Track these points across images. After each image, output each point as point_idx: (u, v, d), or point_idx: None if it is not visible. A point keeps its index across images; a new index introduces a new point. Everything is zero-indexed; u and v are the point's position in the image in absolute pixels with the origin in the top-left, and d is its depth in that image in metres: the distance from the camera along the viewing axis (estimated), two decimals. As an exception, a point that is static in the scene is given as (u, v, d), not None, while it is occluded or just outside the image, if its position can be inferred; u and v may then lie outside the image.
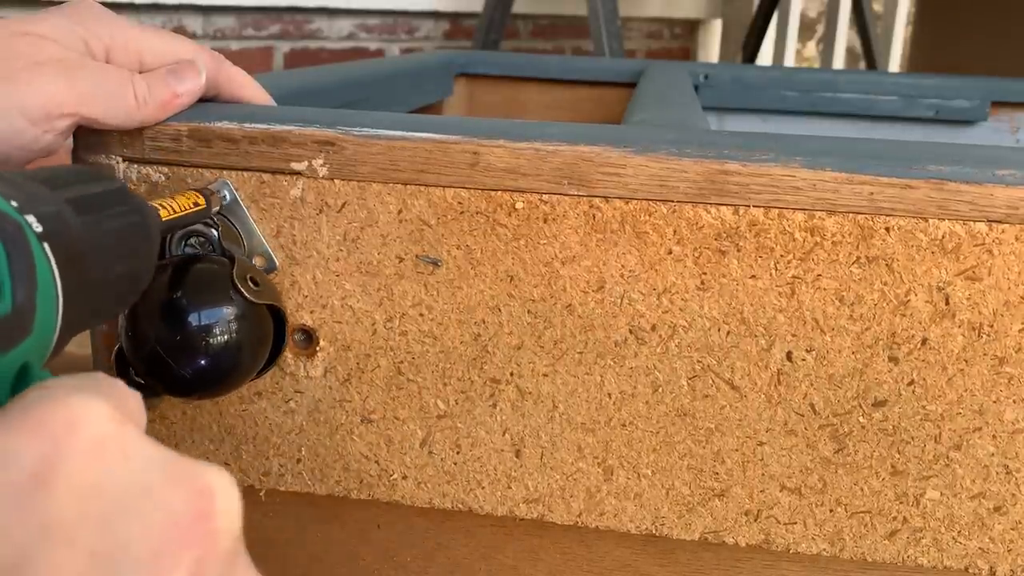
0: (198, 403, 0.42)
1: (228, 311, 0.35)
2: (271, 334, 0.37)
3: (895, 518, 0.38)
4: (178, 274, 0.35)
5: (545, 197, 0.37)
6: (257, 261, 0.39)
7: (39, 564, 0.17)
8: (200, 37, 1.69)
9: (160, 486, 0.19)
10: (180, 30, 1.66)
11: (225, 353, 0.35)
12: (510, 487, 0.40)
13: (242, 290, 0.35)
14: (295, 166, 0.38)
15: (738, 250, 0.36)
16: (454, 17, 2.03)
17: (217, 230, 0.37)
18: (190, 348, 0.34)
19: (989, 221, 0.34)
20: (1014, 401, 0.36)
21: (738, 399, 0.38)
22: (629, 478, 0.39)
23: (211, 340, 0.34)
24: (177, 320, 0.34)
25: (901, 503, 0.38)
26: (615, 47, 1.37)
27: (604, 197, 0.36)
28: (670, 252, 0.36)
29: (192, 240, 0.37)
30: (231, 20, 1.73)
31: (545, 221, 0.37)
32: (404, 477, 0.41)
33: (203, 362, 0.34)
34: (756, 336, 0.37)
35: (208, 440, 0.42)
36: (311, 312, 0.39)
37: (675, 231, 0.36)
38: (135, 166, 0.39)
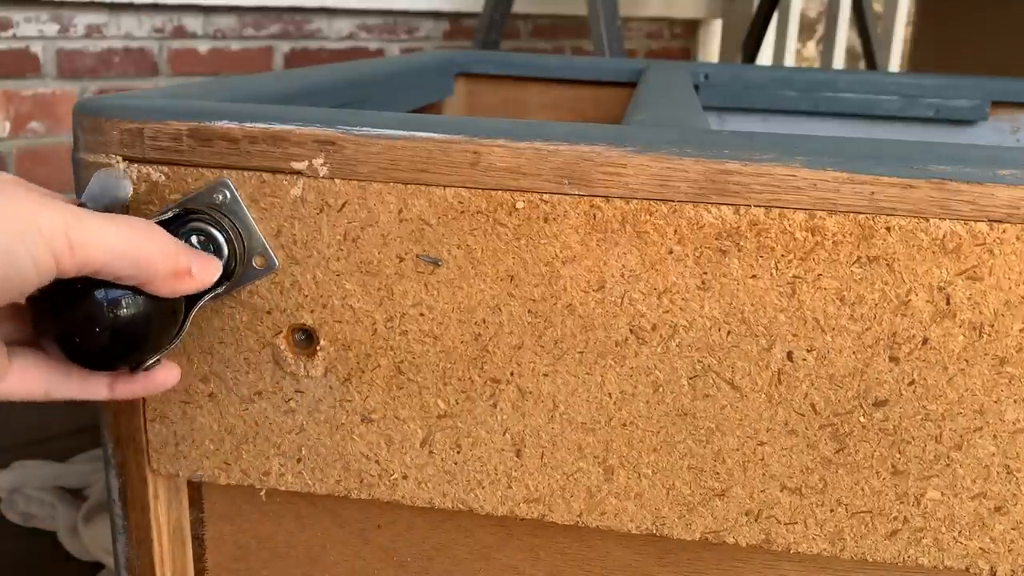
0: (198, 403, 0.42)
1: (120, 351, 0.35)
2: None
3: (896, 518, 0.38)
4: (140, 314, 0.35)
5: (546, 197, 0.37)
6: (257, 261, 0.39)
7: None
8: (200, 37, 1.69)
9: None
10: (180, 30, 1.66)
11: (83, 348, 0.34)
12: (510, 487, 0.40)
13: (142, 366, 0.36)
14: (295, 165, 0.38)
15: (739, 250, 0.36)
16: (454, 17, 2.03)
17: (224, 235, 0.37)
18: (100, 341, 0.34)
19: (990, 221, 0.34)
20: (1015, 401, 0.36)
21: (739, 399, 0.37)
22: (630, 478, 0.39)
23: (118, 335, 0.34)
24: (92, 306, 0.33)
25: (902, 503, 0.38)
26: (615, 47, 1.37)
27: (605, 197, 0.36)
28: (671, 252, 0.36)
29: (193, 239, 0.37)
30: (231, 20, 1.73)
31: (546, 221, 0.37)
32: (404, 477, 0.41)
33: (101, 352, 0.34)
34: (757, 336, 0.37)
35: (208, 440, 0.42)
36: (311, 312, 0.39)
37: (676, 231, 0.36)
38: (135, 165, 0.39)
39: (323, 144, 0.37)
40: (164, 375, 0.38)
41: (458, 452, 0.40)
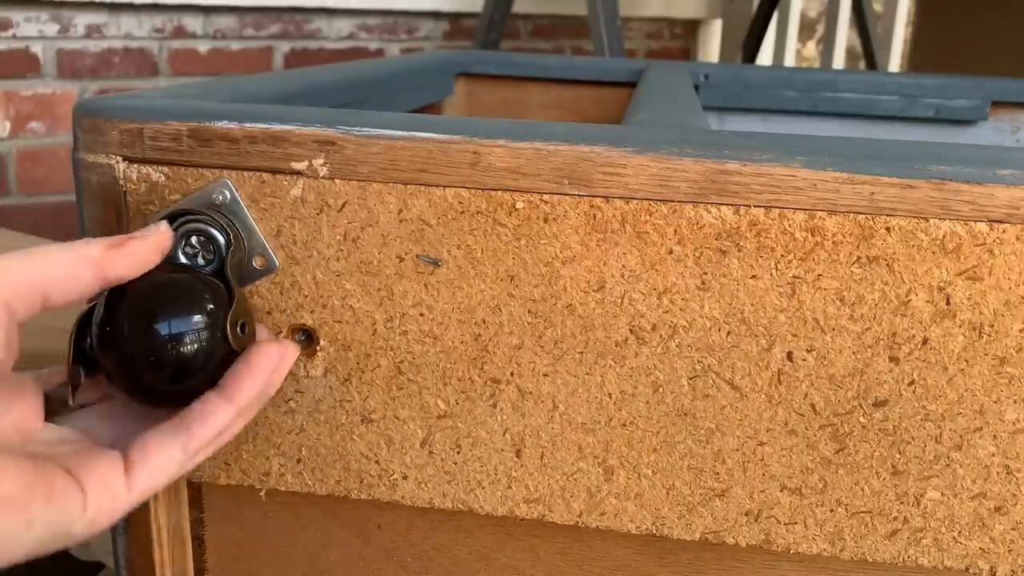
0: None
1: (207, 354, 0.34)
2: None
3: (896, 518, 0.38)
4: (176, 295, 0.35)
5: (545, 197, 0.37)
6: (257, 261, 0.39)
7: None
8: (200, 37, 1.69)
9: None
10: (180, 30, 1.66)
11: (181, 380, 0.34)
12: (510, 487, 0.40)
13: (230, 337, 0.35)
14: (295, 166, 0.38)
15: (739, 250, 0.36)
16: (454, 17, 2.03)
17: (225, 235, 0.37)
18: (153, 367, 0.34)
19: (990, 221, 0.34)
20: (1015, 401, 0.36)
21: (739, 399, 0.37)
22: (629, 478, 0.39)
23: (175, 371, 0.34)
24: (154, 342, 0.34)
25: (902, 503, 0.38)
26: (615, 47, 1.37)
27: (604, 197, 0.36)
28: (671, 252, 0.36)
29: (193, 240, 0.37)
30: (231, 20, 1.73)
31: (545, 221, 0.37)
32: (404, 477, 0.41)
33: (156, 380, 0.34)
34: (757, 336, 0.37)
35: (208, 440, 0.42)
36: (311, 312, 0.39)
37: (676, 231, 0.36)
38: (135, 165, 0.39)
39: (323, 144, 0.37)
40: (278, 346, 0.36)
41: (458, 452, 0.40)
